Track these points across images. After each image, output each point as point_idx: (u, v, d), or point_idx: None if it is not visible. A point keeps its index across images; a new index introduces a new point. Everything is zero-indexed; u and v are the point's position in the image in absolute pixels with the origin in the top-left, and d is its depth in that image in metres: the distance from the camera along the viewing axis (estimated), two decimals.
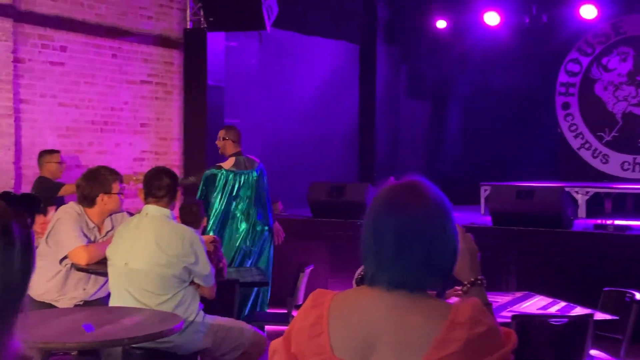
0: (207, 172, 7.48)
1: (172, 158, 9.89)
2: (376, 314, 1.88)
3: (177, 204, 5.65)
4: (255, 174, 7.46)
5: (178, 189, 4.64)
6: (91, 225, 5.26)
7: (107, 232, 5.34)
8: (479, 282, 2.25)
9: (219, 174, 7.33)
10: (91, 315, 3.69)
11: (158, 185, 4.47)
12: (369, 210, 1.96)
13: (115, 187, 5.29)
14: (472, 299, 1.95)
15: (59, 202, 6.93)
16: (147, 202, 4.53)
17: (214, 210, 7.35)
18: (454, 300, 2.08)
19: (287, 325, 5.43)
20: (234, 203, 7.37)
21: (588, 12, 11.54)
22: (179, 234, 4.40)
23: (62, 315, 3.72)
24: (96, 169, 5.41)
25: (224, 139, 7.51)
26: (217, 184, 7.33)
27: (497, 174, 11.66)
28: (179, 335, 4.35)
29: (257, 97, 10.69)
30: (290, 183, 10.58)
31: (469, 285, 2.23)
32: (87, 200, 5.22)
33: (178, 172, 9.85)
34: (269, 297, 7.42)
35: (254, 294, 7.24)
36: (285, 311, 6.26)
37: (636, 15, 12.16)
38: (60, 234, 5.06)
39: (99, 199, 5.23)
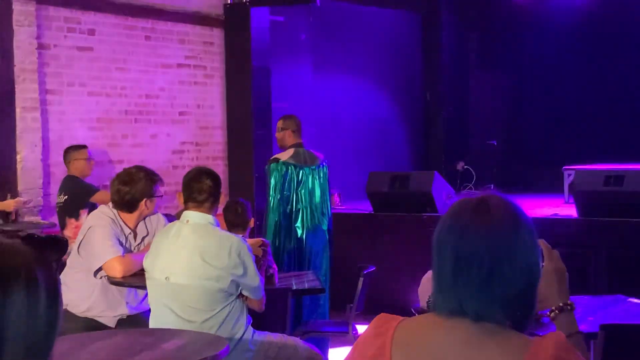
0: (267, 167, 7.49)
1: (215, 149, 9.95)
2: (444, 348, 1.88)
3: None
4: (319, 170, 7.44)
5: (221, 192, 4.64)
6: (127, 231, 5.31)
7: (143, 238, 5.39)
8: (569, 307, 2.22)
9: (278, 167, 7.33)
10: (128, 339, 3.72)
11: (199, 188, 4.46)
12: (436, 229, 1.97)
13: (158, 190, 5.35)
14: (556, 333, 1.92)
15: (91, 204, 7.03)
16: (186, 208, 4.53)
17: (271, 209, 7.36)
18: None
19: (345, 334, 5.42)
20: (293, 200, 7.38)
21: None
22: (225, 243, 4.38)
23: (98, 340, 3.75)
24: (135, 171, 5.44)
25: (282, 129, 7.50)
26: (273, 178, 7.34)
27: (583, 155, 11.46)
28: (227, 356, 4.39)
29: (308, 78, 10.69)
30: (348, 173, 10.59)
31: (556, 311, 2.20)
32: (127, 205, 5.27)
33: (222, 164, 9.92)
34: (327, 305, 7.43)
35: (308, 300, 7.26)
36: (345, 321, 6.27)
37: None
38: (94, 243, 5.10)
39: (141, 204, 5.28)
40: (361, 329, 6.25)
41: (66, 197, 7.49)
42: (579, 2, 12.20)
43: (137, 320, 5.22)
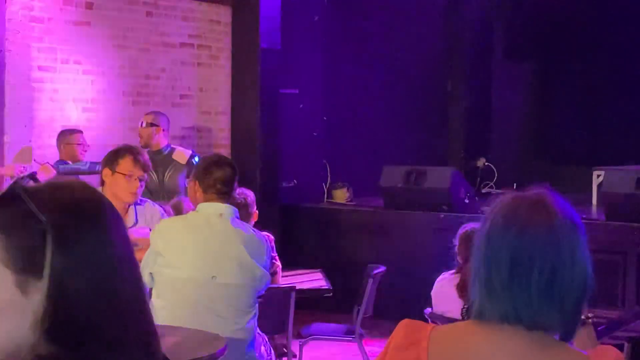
0: None
1: (219, 136, 9.94)
2: (490, 354, 1.84)
3: None
4: None
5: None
6: None
7: (130, 227, 5.18)
8: (588, 320, 2.20)
9: None
10: None
11: (222, 177, 4.39)
12: (480, 227, 1.93)
13: (125, 165, 5.14)
14: (609, 348, 1.90)
15: None
16: (207, 199, 4.41)
17: None
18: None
19: (352, 339, 5.40)
20: None
21: None
22: (261, 240, 4.42)
23: None
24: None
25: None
26: None
27: (616, 155, 11.39)
28: (258, 348, 4.42)
29: (320, 63, 10.65)
30: (361, 167, 10.57)
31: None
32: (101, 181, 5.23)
33: (225, 153, 9.90)
34: None
35: None
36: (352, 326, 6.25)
37: None
38: None
39: (102, 175, 5.20)
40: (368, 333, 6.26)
41: None
42: None
43: None
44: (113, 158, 5.18)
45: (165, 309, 4.25)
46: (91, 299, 1.35)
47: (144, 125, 7.83)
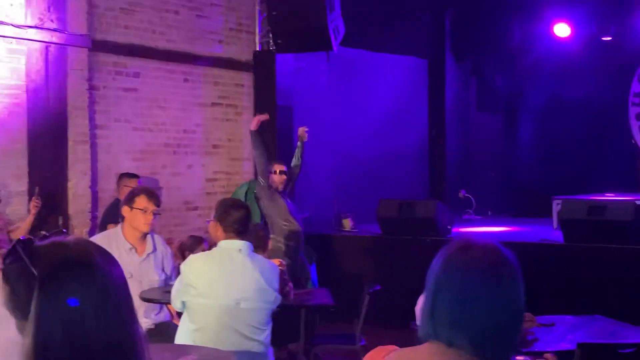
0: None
1: (244, 178, 9.91)
2: None
3: None
4: None
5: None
6: (127, 246, 5.12)
7: (149, 254, 5.19)
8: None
9: None
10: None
11: (237, 219, 4.31)
12: (434, 264, 1.86)
13: (140, 201, 5.08)
14: None
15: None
16: (227, 237, 4.32)
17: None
18: None
19: (352, 346, 5.31)
20: None
21: None
22: (274, 268, 4.38)
23: None
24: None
25: None
26: None
27: (570, 187, 11.34)
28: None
29: (327, 116, 10.63)
30: (361, 199, 10.50)
31: None
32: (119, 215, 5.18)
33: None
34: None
35: None
36: (353, 333, 6.16)
37: None
38: None
39: (122, 212, 5.13)
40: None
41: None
42: (564, 49, 12.10)
43: (162, 329, 5.09)
44: (130, 197, 5.17)
45: (198, 331, 4.20)
46: (63, 346, 1.30)
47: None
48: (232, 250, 4.29)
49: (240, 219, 4.31)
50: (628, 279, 7.44)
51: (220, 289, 4.19)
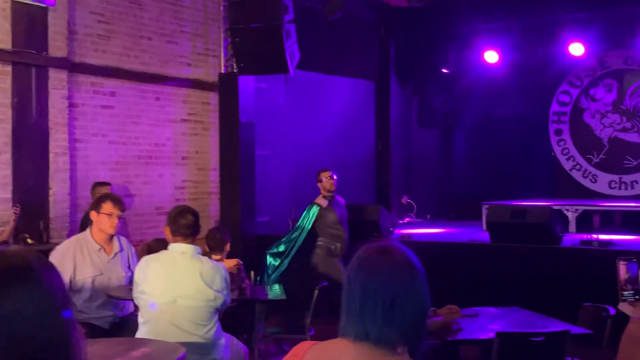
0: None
1: (210, 186, 9.83)
2: None
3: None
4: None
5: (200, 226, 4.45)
6: (96, 247, 5.03)
7: (116, 253, 5.10)
8: None
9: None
10: (107, 346, 3.54)
11: (185, 223, 4.23)
12: (355, 268, 1.86)
13: (106, 207, 5.00)
14: None
15: None
16: (175, 241, 4.26)
17: None
18: None
19: (302, 336, 5.27)
20: None
21: (576, 49, 11.34)
22: (218, 270, 4.24)
23: None
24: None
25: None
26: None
27: (498, 193, 11.45)
28: (218, 352, 4.27)
29: (285, 131, 10.60)
30: None
31: None
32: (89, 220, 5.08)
33: (215, 198, 9.79)
34: None
35: None
36: (303, 325, 6.13)
37: (619, 50, 11.90)
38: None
39: (90, 216, 5.05)
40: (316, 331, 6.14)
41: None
42: (493, 73, 12.23)
43: (126, 322, 5.00)
44: (97, 203, 5.09)
45: (145, 324, 4.18)
46: (7, 348, 1.26)
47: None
48: (176, 252, 4.23)
49: (186, 225, 4.23)
50: (545, 275, 7.51)
51: (159, 287, 4.15)
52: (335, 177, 7.95)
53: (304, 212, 7.97)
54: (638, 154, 11.93)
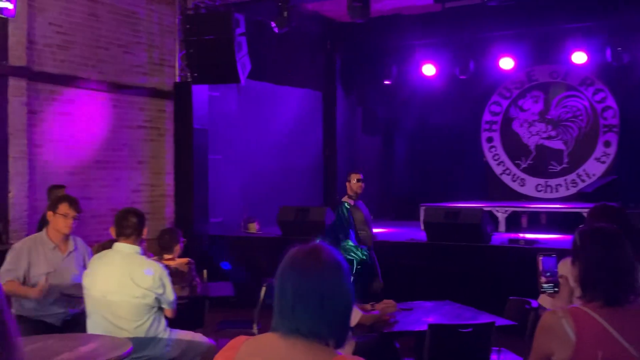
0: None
1: (165, 189, 9.71)
2: (274, 358, 1.80)
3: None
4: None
5: (145, 227, 4.35)
6: (51, 245, 4.92)
7: (70, 252, 4.99)
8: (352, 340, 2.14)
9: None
10: (57, 343, 3.45)
11: (126, 224, 4.20)
12: (286, 268, 1.86)
13: (62, 208, 4.88)
14: (357, 357, 1.85)
15: None
16: (117, 240, 4.24)
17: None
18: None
19: (250, 330, 5.19)
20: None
21: (506, 63, 11.55)
22: (150, 269, 4.16)
23: (31, 343, 3.46)
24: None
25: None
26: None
27: (434, 196, 11.57)
28: (152, 349, 4.18)
29: (237, 137, 10.54)
30: (265, 207, 10.41)
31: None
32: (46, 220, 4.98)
33: (170, 200, 9.66)
34: None
35: None
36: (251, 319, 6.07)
37: (545, 65, 12.17)
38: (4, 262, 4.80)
39: (47, 216, 4.95)
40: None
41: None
42: (431, 85, 12.36)
43: (77, 318, 4.87)
44: (54, 204, 4.97)
45: (88, 318, 4.20)
46: None
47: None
48: (114, 251, 4.22)
49: (128, 225, 4.20)
50: (476, 271, 7.61)
51: (92, 282, 4.16)
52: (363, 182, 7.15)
53: (337, 213, 7.24)
54: (562, 160, 12.20)
